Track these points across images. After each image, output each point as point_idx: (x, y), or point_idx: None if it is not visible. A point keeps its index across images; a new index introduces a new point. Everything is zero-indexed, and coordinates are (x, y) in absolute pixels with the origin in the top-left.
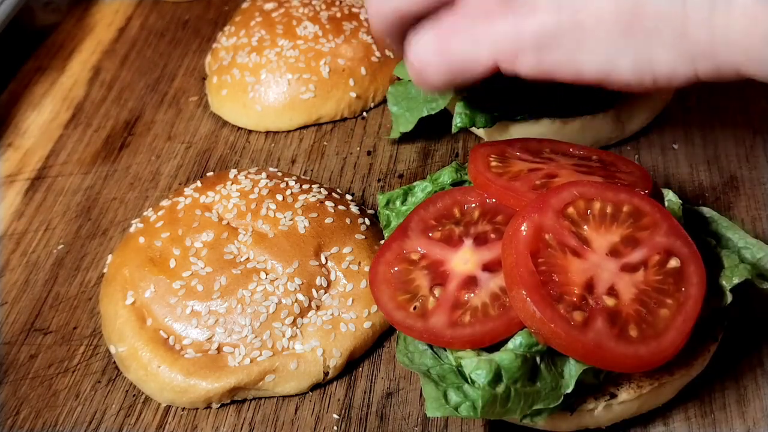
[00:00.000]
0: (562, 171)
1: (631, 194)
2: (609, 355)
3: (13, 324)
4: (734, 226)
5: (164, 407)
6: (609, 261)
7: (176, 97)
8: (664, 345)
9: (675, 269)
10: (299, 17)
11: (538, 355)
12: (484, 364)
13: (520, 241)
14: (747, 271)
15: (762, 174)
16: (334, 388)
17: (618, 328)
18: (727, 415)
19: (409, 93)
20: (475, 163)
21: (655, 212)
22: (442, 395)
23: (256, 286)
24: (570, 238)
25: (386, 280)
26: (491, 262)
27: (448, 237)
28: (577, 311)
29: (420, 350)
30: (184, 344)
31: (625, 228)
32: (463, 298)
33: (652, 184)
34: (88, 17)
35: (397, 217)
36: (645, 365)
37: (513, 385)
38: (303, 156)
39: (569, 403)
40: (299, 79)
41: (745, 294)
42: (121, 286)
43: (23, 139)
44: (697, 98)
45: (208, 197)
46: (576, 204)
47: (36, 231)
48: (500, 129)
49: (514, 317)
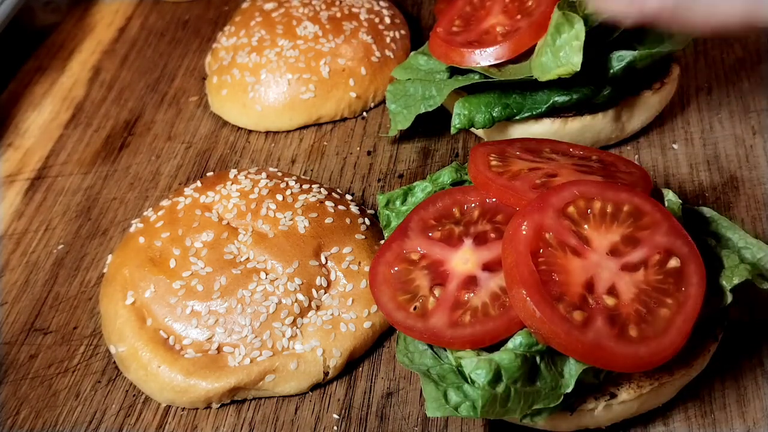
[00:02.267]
0: (562, 170)
1: (631, 193)
2: (609, 355)
3: (13, 324)
4: (734, 226)
5: (164, 407)
6: (609, 260)
7: (176, 97)
8: (663, 345)
9: (675, 269)
10: (299, 17)
11: (537, 354)
12: (484, 364)
13: (521, 241)
14: (747, 271)
15: (762, 174)
16: (334, 388)
17: (618, 327)
18: (727, 415)
19: (407, 91)
20: (475, 162)
21: (656, 212)
22: (442, 395)
23: (256, 286)
24: (570, 238)
25: (386, 281)
26: (491, 262)
27: (448, 237)
28: (577, 311)
29: (420, 350)
30: (184, 344)
31: (626, 227)
32: (463, 298)
33: (651, 184)
34: (88, 17)
35: (397, 218)
36: (645, 365)
37: (513, 384)
38: (303, 156)
39: (569, 403)
40: (299, 79)
41: (745, 294)
42: (121, 286)
43: (23, 139)
44: (697, 98)
45: (208, 197)
46: (576, 203)
47: (36, 231)
48: (499, 129)
49: (514, 317)
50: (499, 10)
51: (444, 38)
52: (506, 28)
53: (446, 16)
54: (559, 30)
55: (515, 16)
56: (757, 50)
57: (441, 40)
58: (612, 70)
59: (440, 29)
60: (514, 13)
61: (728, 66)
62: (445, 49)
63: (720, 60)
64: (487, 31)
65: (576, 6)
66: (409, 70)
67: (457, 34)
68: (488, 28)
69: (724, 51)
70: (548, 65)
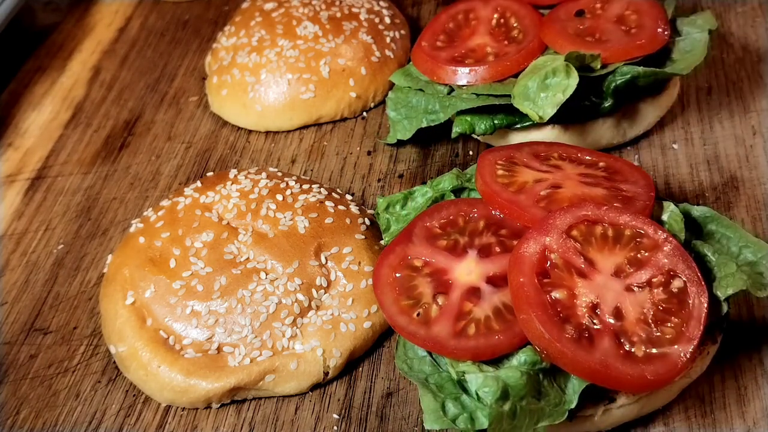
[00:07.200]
0: (567, 182)
1: (633, 217)
2: (615, 375)
3: (13, 324)
4: (734, 225)
5: (164, 407)
6: (614, 281)
7: (176, 97)
8: (669, 365)
9: (678, 290)
10: (299, 17)
11: (541, 372)
12: (491, 382)
13: (527, 262)
14: (743, 281)
15: (762, 174)
16: (334, 388)
17: (624, 348)
18: (727, 415)
19: (409, 102)
20: (482, 173)
21: (657, 234)
22: (440, 406)
23: (256, 286)
24: (576, 259)
25: (390, 284)
26: (495, 276)
27: (452, 246)
28: (584, 331)
29: (419, 357)
30: (184, 344)
31: (629, 250)
32: (465, 309)
33: (655, 193)
34: (88, 17)
35: (397, 222)
36: (651, 385)
37: (519, 402)
38: (303, 156)
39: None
40: (299, 79)
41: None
42: (121, 286)
43: (23, 139)
44: (697, 98)
45: (208, 197)
46: (581, 226)
47: (36, 231)
48: (500, 135)
49: (518, 333)
50: (485, 31)
51: (429, 53)
52: (495, 50)
53: (429, 30)
54: (554, 72)
55: (502, 41)
56: (757, 50)
57: (426, 55)
58: (615, 84)
59: (425, 43)
60: (501, 38)
61: (728, 66)
62: (430, 64)
63: (720, 60)
64: (473, 49)
65: (586, 59)
66: (409, 77)
67: (441, 49)
68: (475, 47)
69: (724, 51)
70: (529, 94)
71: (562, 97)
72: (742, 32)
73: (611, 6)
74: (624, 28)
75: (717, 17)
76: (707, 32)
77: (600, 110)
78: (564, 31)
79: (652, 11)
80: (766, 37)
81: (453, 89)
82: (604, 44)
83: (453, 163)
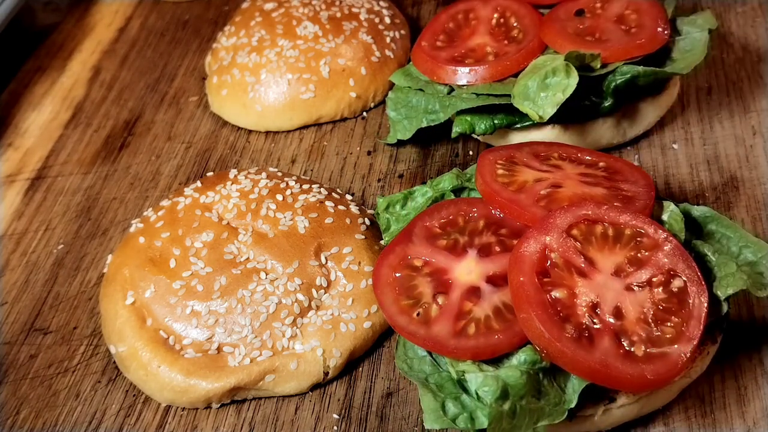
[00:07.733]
0: (567, 181)
1: (633, 217)
2: (615, 374)
3: (13, 324)
4: (734, 225)
5: (164, 407)
6: (614, 281)
7: (176, 97)
8: (669, 365)
9: (678, 289)
10: (299, 17)
11: (541, 371)
12: (491, 381)
13: (527, 262)
14: (742, 280)
15: (762, 174)
16: (334, 388)
17: (624, 347)
18: (727, 415)
19: (409, 101)
20: (482, 173)
21: (657, 234)
22: (440, 406)
23: (256, 286)
24: (576, 259)
25: (390, 284)
26: (495, 276)
27: (452, 246)
28: (584, 331)
29: (419, 357)
30: (184, 344)
31: (629, 249)
32: (465, 308)
33: (655, 193)
34: (88, 17)
35: (397, 222)
36: (650, 385)
37: (519, 401)
38: (303, 156)
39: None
40: (299, 79)
41: (745, 294)
42: (121, 286)
43: (23, 139)
44: (697, 98)
45: (208, 197)
46: (581, 225)
47: (36, 231)
48: (500, 135)
49: (518, 332)
50: (485, 31)
51: (429, 53)
52: (495, 50)
53: (429, 30)
54: (554, 71)
55: (502, 40)
56: (757, 50)
57: (426, 55)
58: (615, 83)
59: (425, 43)
60: (501, 38)
61: (728, 66)
62: (430, 64)
63: (720, 60)
64: (473, 49)
65: (586, 58)
66: (409, 77)
67: (441, 49)
68: (474, 47)
69: (724, 51)
70: (529, 94)
71: (562, 96)
72: (742, 32)
73: (611, 5)
74: (624, 27)
75: (717, 17)
76: (707, 32)
77: (600, 110)
78: (564, 30)
79: (652, 11)
80: (766, 37)
81: (453, 89)
82: (604, 44)
83: (453, 163)
